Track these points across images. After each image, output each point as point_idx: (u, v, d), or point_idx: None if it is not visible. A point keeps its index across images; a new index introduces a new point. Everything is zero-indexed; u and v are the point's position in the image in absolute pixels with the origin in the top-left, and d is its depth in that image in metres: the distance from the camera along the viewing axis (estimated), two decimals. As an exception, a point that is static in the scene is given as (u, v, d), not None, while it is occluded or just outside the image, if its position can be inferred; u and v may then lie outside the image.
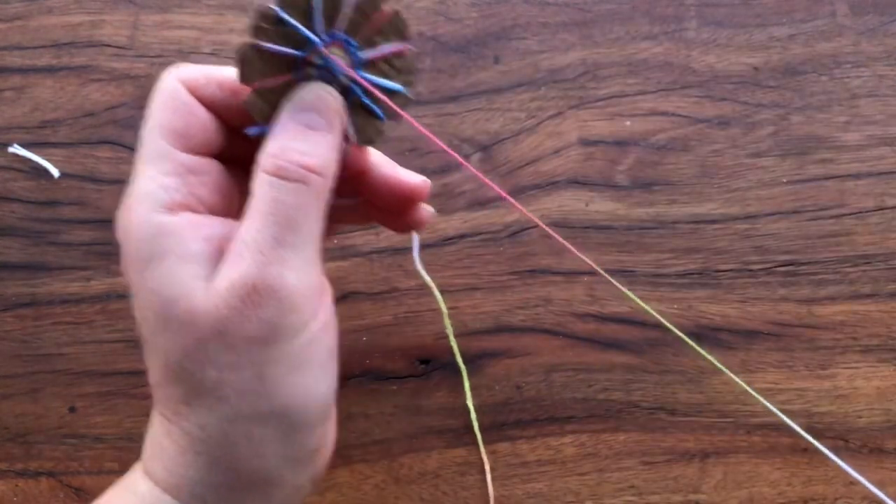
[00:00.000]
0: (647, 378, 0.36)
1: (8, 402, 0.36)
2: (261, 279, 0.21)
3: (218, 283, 0.21)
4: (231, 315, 0.21)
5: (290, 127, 0.23)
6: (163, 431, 0.23)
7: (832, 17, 0.40)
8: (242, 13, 0.41)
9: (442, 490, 0.35)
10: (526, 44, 0.40)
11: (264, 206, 0.21)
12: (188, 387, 0.22)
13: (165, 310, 0.21)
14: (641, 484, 0.35)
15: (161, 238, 0.21)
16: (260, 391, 0.21)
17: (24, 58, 0.40)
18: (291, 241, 0.21)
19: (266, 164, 0.22)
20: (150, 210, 0.22)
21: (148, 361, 0.23)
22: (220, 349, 0.21)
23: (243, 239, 0.21)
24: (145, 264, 0.21)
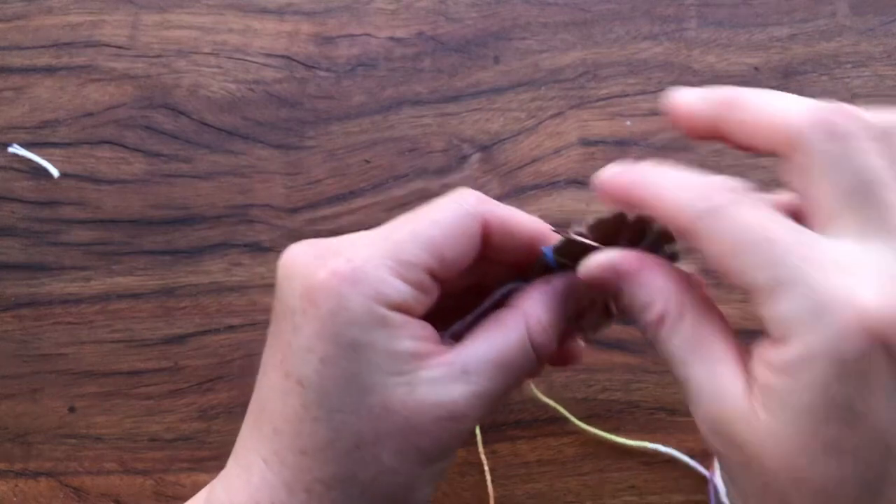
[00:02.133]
0: (647, 378, 0.36)
1: (8, 402, 0.36)
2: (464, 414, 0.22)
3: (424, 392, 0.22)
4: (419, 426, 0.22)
5: (559, 309, 0.24)
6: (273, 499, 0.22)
7: (832, 17, 0.40)
8: (242, 13, 0.41)
9: (442, 490, 0.35)
10: (526, 44, 0.40)
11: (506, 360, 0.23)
12: (340, 472, 0.21)
13: (360, 395, 0.21)
14: (642, 484, 0.35)
15: (375, 328, 0.21)
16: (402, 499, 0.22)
17: (24, 58, 0.40)
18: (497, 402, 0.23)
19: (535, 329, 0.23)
20: (374, 299, 0.21)
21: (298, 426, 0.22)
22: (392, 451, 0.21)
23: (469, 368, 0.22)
24: (352, 344, 0.21)
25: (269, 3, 0.41)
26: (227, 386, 0.36)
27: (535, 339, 0.23)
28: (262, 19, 0.41)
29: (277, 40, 0.41)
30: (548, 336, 0.23)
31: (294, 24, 0.41)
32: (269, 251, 0.38)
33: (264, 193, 0.39)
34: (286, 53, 0.40)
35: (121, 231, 0.38)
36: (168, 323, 0.37)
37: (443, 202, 0.24)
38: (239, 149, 0.39)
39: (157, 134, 0.39)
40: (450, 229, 0.23)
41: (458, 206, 0.23)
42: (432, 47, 0.40)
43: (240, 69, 0.40)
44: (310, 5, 0.41)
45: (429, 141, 0.39)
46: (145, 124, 0.40)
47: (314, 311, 0.21)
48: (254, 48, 0.41)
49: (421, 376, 0.22)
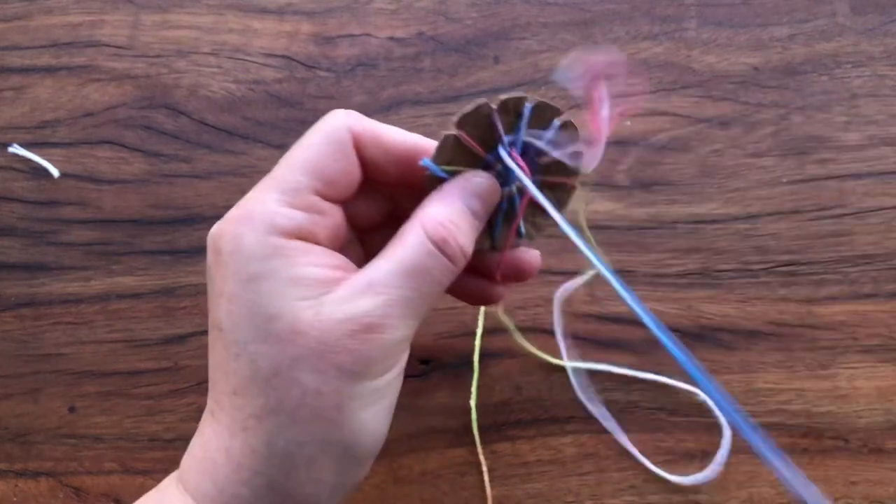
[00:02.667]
0: (647, 378, 0.36)
1: (8, 402, 0.36)
2: (377, 323, 0.22)
3: (331, 310, 0.22)
4: (333, 343, 0.21)
5: (459, 205, 0.24)
6: (219, 445, 0.22)
7: (832, 17, 0.40)
8: (242, 13, 0.41)
9: (442, 490, 0.35)
10: (526, 44, 0.40)
11: (412, 265, 0.23)
12: (267, 401, 0.22)
13: (266, 323, 0.22)
14: (641, 484, 0.35)
15: (273, 258, 0.22)
16: (335, 419, 0.22)
17: (24, 58, 0.40)
18: (417, 306, 0.23)
19: (433, 231, 0.23)
20: (267, 232, 0.22)
21: (224, 368, 0.23)
22: (311, 372, 0.21)
23: (373, 281, 0.22)
24: (252, 277, 0.22)
25: (269, 3, 0.41)
26: (227, 386, 0.36)
27: (434, 235, 0.23)
28: (262, 19, 0.41)
29: (277, 40, 0.41)
30: (448, 230, 0.23)
31: (294, 24, 0.41)
32: (269, 251, 0.38)
33: (264, 193, 0.39)
34: (286, 53, 0.41)
35: (121, 231, 0.38)
36: (168, 323, 0.37)
37: (313, 127, 0.24)
38: (239, 149, 0.39)
39: (157, 134, 0.39)
40: (321, 148, 0.24)
41: (325, 125, 0.24)
42: (432, 47, 0.40)
43: (240, 69, 0.40)
44: (310, 5, 0.41)
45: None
46: (145, 124, 0.40)
47: (218, 259, 0.23)
48: (254, 48, 0.41)
49: (327, 298, 0.22)
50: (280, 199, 0.23)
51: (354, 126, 0.24)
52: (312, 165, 0.23)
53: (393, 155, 0.25)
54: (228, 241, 0.22)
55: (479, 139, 0.24)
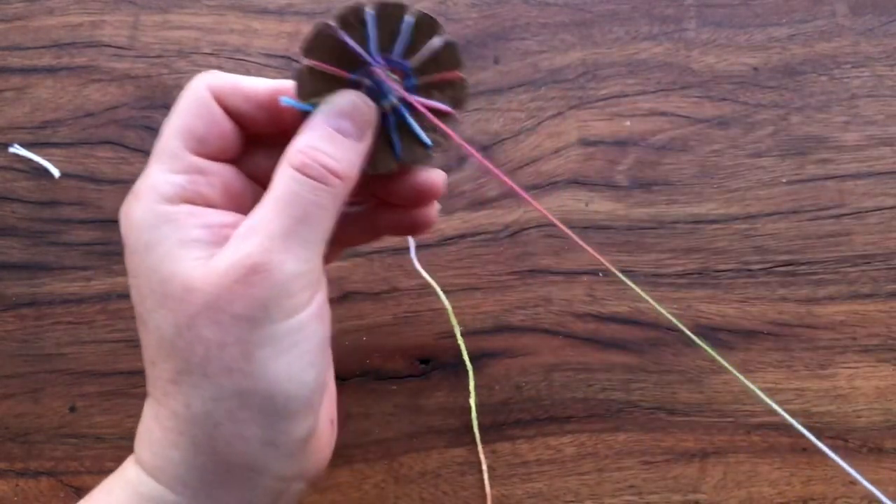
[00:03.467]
0: (647, 378, 0.36)
1: (8, 402, 0.36)
2: (261, 261, 0.21)
3: (217, 262, 0.22)
4: (224, 292, 0.21)
5: (322, 128, 0.23)
6: (151, 414, 0.23)
7: (832, 18, 0.40)
8: (242, 13, 0.41)
9: (442, 490, 0.35)
10: (526, 44, 0.40)
11: (282, 196, 0.22)
12: (177, 364, 0.22)
13: (162, 286, 0.22)
14: (641, 484, 0.35)
15: (161, 225, 0.22)
16: (245, 370, 0.21)
17: (25, 58, 0.40)
18: (301, 234, 0.22)
19: (293, 158, 0.23)
20: (153, 201, 0.23)
21: (143, 342, 0.23)
22: (210, 325, 0.21)
23: (251, 223, 0.22)
24: (145, 247, 0.22)
25: (269, 4, 0.41)
26: (228, 386, 0.36)
27: (294, 162, 0.23)
28: (262, 20, 0.41)
29: (278, 41, 0.41)
30: (307, 154, 0.23)
31: (294, 25, 0.41)
32: (270, 251, 0.38)
33: (264, 193, 0.39)
34: (286, 54, 0.41)
35: (121, 231, 0.38)
36: (168, 323, 0.37)
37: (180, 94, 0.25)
38: (239, 149, 0.39)
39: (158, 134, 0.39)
40: (185, 110, 0.24)
41: (186, 89, 0.24)
42: (432, 47, 0.40)
43: (240, 69, 0.40)
44: (310, 5, 0.41)
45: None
46: (146, 124, 0.40)
47: (123, 242, 0.23)
48: (254, 48, 0.41)
49: (217, 253, 0.22)
50: (161, 167, 0.23)
51: (212, 82, 0.24)
52: (181, 128, 0.24)
53: (255, 101, 0.25)
54: (123, 219, 0.23)
55: (335, 60, 0.23)
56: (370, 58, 0.24)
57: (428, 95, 0.25)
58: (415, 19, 0.23)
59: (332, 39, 0.23)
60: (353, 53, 0.23)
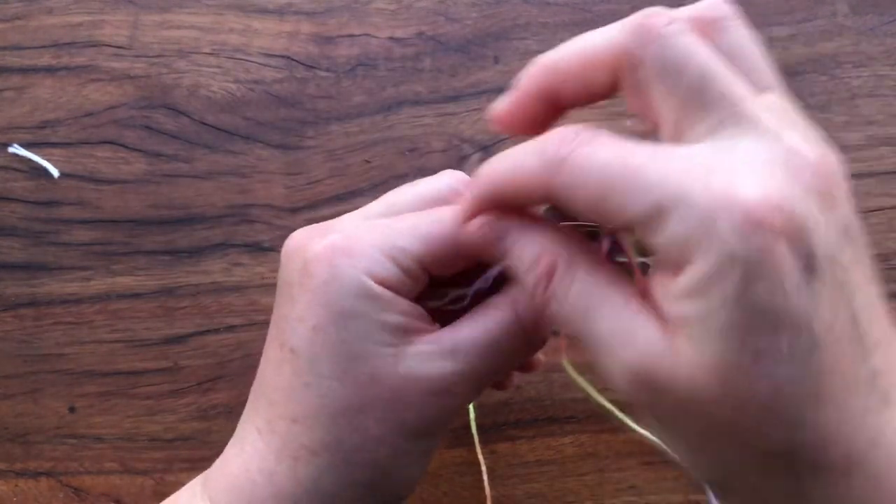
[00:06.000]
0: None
1: (8, 402, 0.36)
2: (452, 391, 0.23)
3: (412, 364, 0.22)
4: (407, 398, 0.22)
5: None
6: (263, 468, 0.22)
7: (832, 17, 0.40)
8: (242, 13, 0.41)
9: (442, 490, 0.35)
10: (526, 44, 0.40)
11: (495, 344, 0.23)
12: (326, 438, 0.22)
13: (349, 362, 0.22)
14: (641, 484, 0.35)
15: (368, 300, 0.22)
16: (386, 470, 0.23)
17: (24, 58, 0.40)
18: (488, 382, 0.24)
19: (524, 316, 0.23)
20: (366, 272, 0.22)
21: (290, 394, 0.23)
22: (378, 421, 0.22)
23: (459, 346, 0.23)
24: (344, 313, 0.22)
25: (269, 3, 0.41)
26: (227, 386, 0.36)
27: (526, 320, 0.23)
28: (262, 19, 0.41)
29: (277, 40, 0.41)
30: (539, 317, 0.23)
31: (294, 24, 0.41)
32: (270, 251, 0.38)
33: (264, 193, 0.39)
34: (286, 53, 0.41)
35: (121, 231, 0.38)
36: (168, 323, 0.37)
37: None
38: (239, 149, 0.39)
39: (157, 134, 0.39)
40: (450, 232, 0.23)
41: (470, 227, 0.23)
42: (432, 47, 0.40)
43: (240, 69, 0.40)
44: (310, 5, 0.41)
45: (429, 141, 0.39)
46: (145, 124, 0.40)
47: (309, 282, 0.22)
48: (254, 48, 0.41)
49: (410, 350, 0.22)
50: (387, 251, 0.23)
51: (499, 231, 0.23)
52: (434, 245, 0.23)
53: None
54: (324, 268, 0.22)
55: None
56: None
57: None
58: None
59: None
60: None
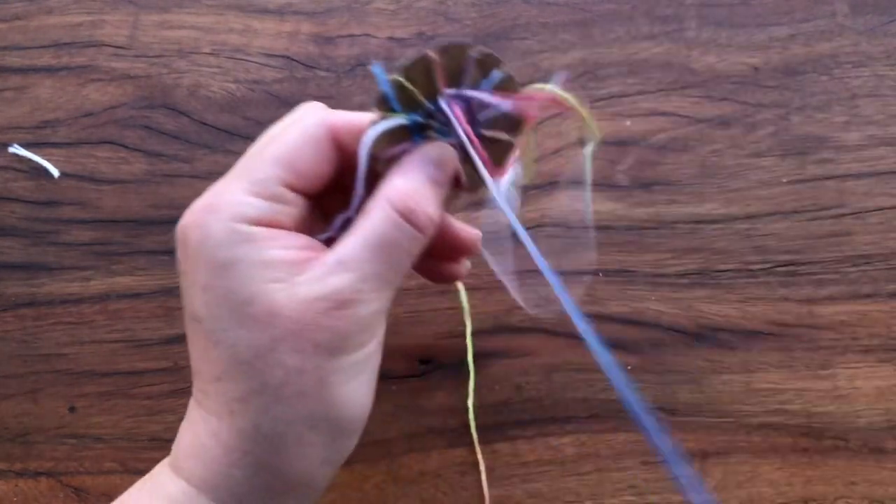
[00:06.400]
0: (647, 378, 0.36)
1: (8, 402, 0.36)
2: (351, 298, 0.22)
3: (305, 290, 0.22)
4: (310, 321, 0.22)
5: (424, 176, 0.24)
6: (208, 430, 0.23)
7: (832, 17, 0.40)
8: (242, 13, 0.41)
9: (442, 490, 0.35)
10: (526, 43, 0.40)
11: (380, 240, 0.23)
12: (251, 384, 0.22)
13: (242, 307, 0.22)
14: (641, 484, 0.35)
15: (241, 244, 0.22)
16: (319, 396, 0.22)
17: (24, 58, 0.40)
18: (389, 278, 0.23)
19: (398, 201, 0.23)
20: (232, 219, 0.22)
21: (206, 356, 0.23)
22: (291, 351, 0.22)
23: (343, 258, 0.23)
24: (223, 264, 0.22)
25: (269, 4, 0.41)
26: (227, 386, 0.36)
27: (400, 206, 0.23)
28: (262, 19, 0.41)
29: (277, 40, 0.41)
30: (414, 199, 0.23)
31: (294, 24, 0.41)
32: (269, 251, 0.38)
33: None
34: (286, 53, 0.41)
35: (121, 231, 0.38)
36: (168, 323, 0.37)
37: (287, 120, 0.25)
38: (239, 149, 0.39)
39: (158, 134, 0.39)
40: (297, 143, 0.24)
41: (302, 121, 0.24)
42: (432, 47, 0.40)
43: (240, 69, 0.40)
44: (310, 5, 0.41)
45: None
46: (145, 124, 0.40)
47: (188, 251, 0.23)
48: (254, 48, 0.41)
49: (300, 279, 0.22)
50: (247, 188, 0.23)
51: (334, 122, 0.24)
52: (286, 159, 0.24)
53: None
54: (195, 231, 0.23)
55: (422, 87, 0.24)
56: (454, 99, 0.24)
57: (491, 125, 0.26)
58: (502, 76, 0.24)
59: (427, 69, 0.24)
60: (437, 87, 0.24)
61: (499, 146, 0.26)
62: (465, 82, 0.24)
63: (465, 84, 0.24)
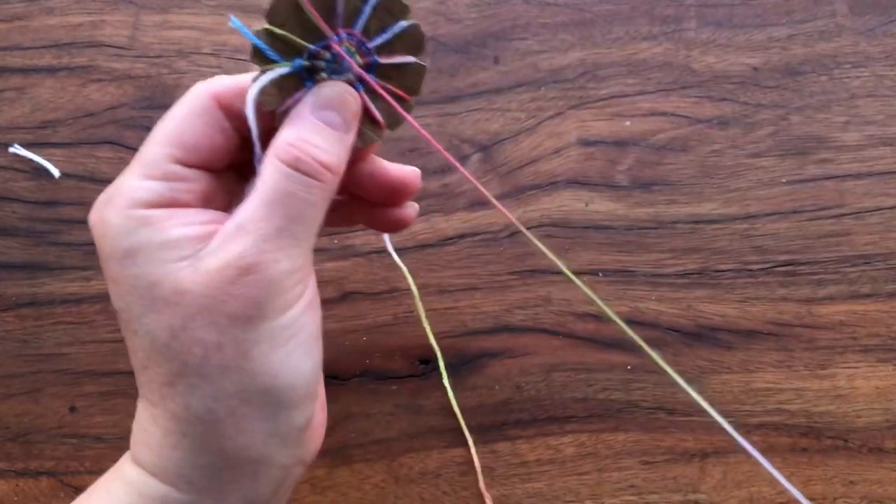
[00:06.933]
0: (646, 378, 0.36)
1: (8, 402, 0.36)
2: (255, 261, 0.21)
3: (207, 262, 0.21)
4: (217, 293, 0.21)
5: (310, 121, 0.23)
6: (147, 416, 0.23)
7: (832, 18, 0.40)
8: (243, 14, 0.41)
9: (442, 490, 0.35)
10: (526, 44, 0.40)
11: (273, 194, 0.22)
12: (173, 367, 0.22)
13: (150, 291, 0.21)
14: (641, 484, 0.35)
15: (139, 228, 0.22)
16: (244, 368, 0.22)
17: (25, 58, 0.41)
18: (293, 232, 0.22)
19: (283, 152, 0.22)
20: (127, 206, 0.22)
21: (131, 347, 0.23)
22: (205, 326, 0.21)
23: (241, 222, 0.22)
24: (125, 253, 0.22)
25: (269, 4, 0.41)
26: (228, 385, 0.36)
27: (285, 156, 0.22)
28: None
29: (278, 41, 0.41)
30: (299, 147, 0.22)
31: (294, 25, 0.41)
32: (270, 251, 0.38)
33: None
34: (286, 54, 0.41)
35: (121, 231, 0.38)
36: (168, 323, 0.37)
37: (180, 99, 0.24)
38: (239, 149, 0.39)
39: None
40: (179, 116, 0.23)
41: (186, 95, 0.24)
42: (432, 47, 0.40)
43: (240, 69, 0.40)
44: (310, 6, 0.41)
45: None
46: (146, 124, 0.40)
47: (97, 247, 0.23)
48: (254, 48, 0.41)
49: (203, 252, 0.22)
50: (139, 173, 0.23)
51: (216, 88, 0.23)
52: (171, 136, 0.23)
53: None
54: (97, 225, 0.23)
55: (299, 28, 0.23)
56: (332, 31, 0.23)
57: (386, 77, 0.24)
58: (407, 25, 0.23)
59: (296, 7, 0.22)
60: (315, 24, 0.23)
61: (406, 72, 0.25)
62: (340, 13, 0.23)
63: (341, 15, 0.23)
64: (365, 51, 0.24)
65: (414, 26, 0.24)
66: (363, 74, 0.24)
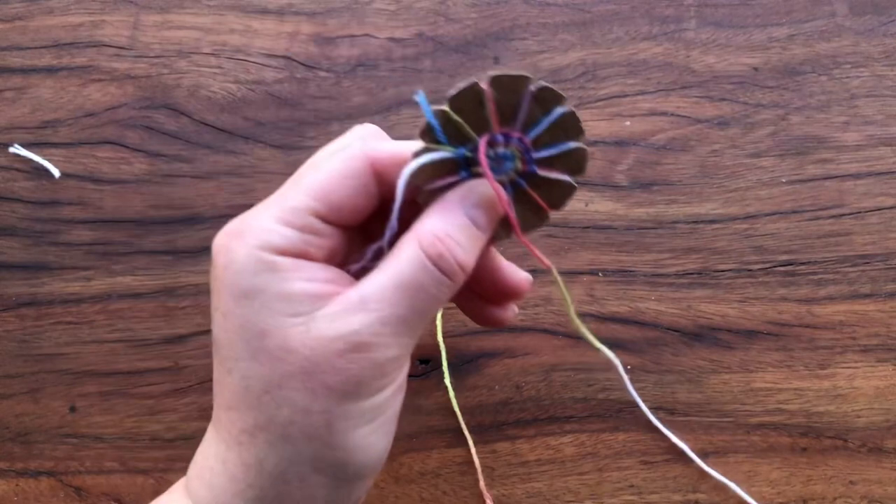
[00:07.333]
0: (646, 378, 0.36)
1: (8, 402, 0.36)
2: (368, 342, 0.21)
3: (321, 327, 0.21)
4: (323, 362, 0.21)
5: (460, 217, 0.23)
6: (218, 455, 0.23)
7: (832, 18, 0.40)
8: (243, 14, 0.41)
9: (442, 490, 0.35)
10: (526, 44, 0.40)
11: (406, 281, 0.22)
12: (259, 419, 0.22)
13: (257, 339, 0.21)
14: (641, 483, 0.35)
15: (264, 273, 0.22)
16: (325, 439, 0.22)
17: (25, 58, 0.41)
18: (412, 324, 0.22)
19: (427, 244, 0.22)
20: (258, 247, 0.22)
21: (220, 381, 0.23)
22: (301, 390, 0.21)
23: (365, 296, 0.22)
24: (243, 293, 0.22)
25: (269, 4, 0.41)
26: (228, 385, 0.36)
27: (429, 249, 0.22)
28: (262, 20, 0.41)
29: (278, 41, 0.41)
30: (445, 244, 0.22)
31: (294, 25, 0.41)
32: (270, 251, 0.38)
33: (265, 193, 0.38)
34: (286, 54, 0.41)
35: (121, 231, 0.38)
36: (168, 323, 0.37)
37: (334, 145, 0.24)
38: (240, 149, 0.39)
39: (158, 134, 0.40)
40: (332, 174, 0.23)
41: (343, 152, 0.23)
42: (432, 48, 0.40)
43: (240, 69, 0.40)
44: (310, 6, 0.41)
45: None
46: (146, 124, 0.40)
47: (214, 273, 0.22)
48: (254, 48, 0.41)
49: (319, 314, 0.21)
50: (276, 216, 0.22)
51: (378, 156, 0.23)
52: (319, 190, 0.23)
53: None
54: (222, 254, 0.22)
55: (472, 118, 0.23)
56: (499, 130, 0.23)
57: (534, 185, 0.24)
58: (563, 112, 0.23)
59: (478, 99, 0.22)
60: (489, 120, 0.23)
61: (557, 187, 0.24)
62: (520, 118, 0.23)
63: (520, 120, 0.23)
64: (527, 158, 0.24)
65: (581, 150, 0.24)
66: (522, 183, 0.24)
